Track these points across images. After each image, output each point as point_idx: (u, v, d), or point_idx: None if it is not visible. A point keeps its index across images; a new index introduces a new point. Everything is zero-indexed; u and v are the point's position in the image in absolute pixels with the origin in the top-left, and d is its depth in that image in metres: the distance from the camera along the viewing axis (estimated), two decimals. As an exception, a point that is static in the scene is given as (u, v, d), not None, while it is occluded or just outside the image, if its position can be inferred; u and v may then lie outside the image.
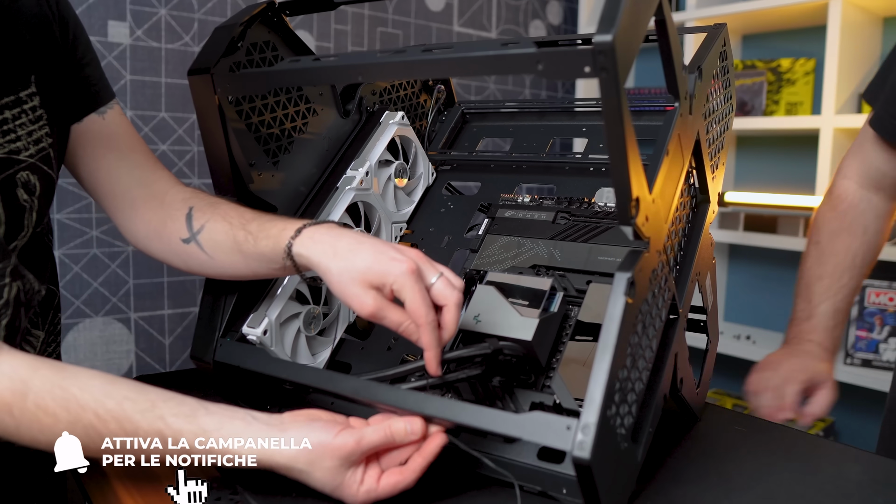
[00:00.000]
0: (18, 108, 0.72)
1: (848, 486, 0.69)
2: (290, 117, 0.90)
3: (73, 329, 1.55)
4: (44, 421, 0.58)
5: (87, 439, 0.59)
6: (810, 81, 2.01)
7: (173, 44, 1.65)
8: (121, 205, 0.82)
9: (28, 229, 0.74)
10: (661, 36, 0.64)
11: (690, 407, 0.81)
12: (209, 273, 0.80)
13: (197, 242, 0.78)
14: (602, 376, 0.56)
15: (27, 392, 0.58)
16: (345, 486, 0.60)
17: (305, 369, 0.71)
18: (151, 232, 0.81)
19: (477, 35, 2.25)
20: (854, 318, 1.85)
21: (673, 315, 0.72)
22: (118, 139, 0.82)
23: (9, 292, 0.70)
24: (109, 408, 0.59)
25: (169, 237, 0.80)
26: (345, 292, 0.66)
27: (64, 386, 0.59)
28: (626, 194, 0.56)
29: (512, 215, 0.90)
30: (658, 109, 0.96)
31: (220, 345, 0.79)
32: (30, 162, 0.73)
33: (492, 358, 0.70)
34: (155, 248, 0.82)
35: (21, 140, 0.72)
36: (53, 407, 0.58)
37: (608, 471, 0.57)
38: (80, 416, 0.59)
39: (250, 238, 0.74)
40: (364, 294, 0.65)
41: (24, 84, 0.73)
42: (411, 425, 0.61)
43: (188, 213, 0.79)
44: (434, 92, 1.11)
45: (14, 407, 0.58)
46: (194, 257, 0.79)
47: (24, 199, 0.73)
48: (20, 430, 0.59)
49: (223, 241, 0.76)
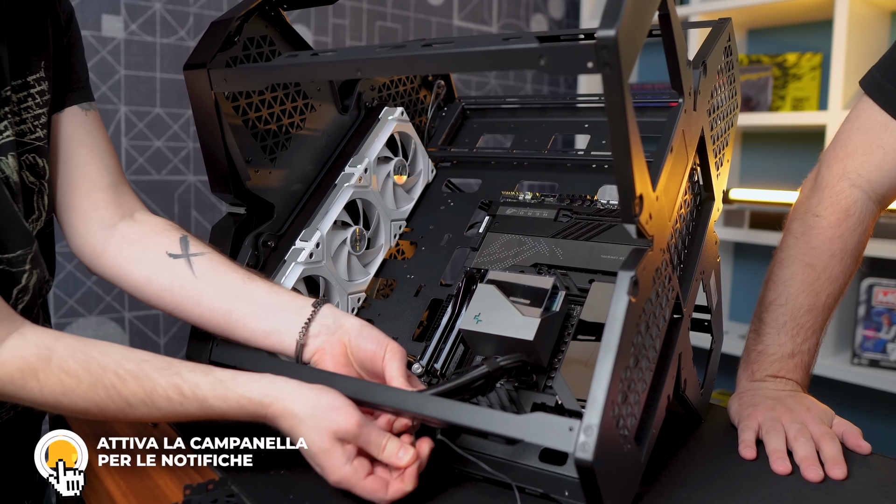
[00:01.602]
0: (25, 92, 0.73)
1: (855, 489, 0.69)
2: (287, 113, 0.90)
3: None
4: (66, 382, 0.62)
5: (108, 399, 0.62)
6: (817, 76, 2.01)
7: (168, 38, 1.65)
8: (79, 202, 0.79)
9: (42, 213, 0.76)
10: (665, 30, 0.64)
11: (694, 408, 0.81)
12: (172, 295, 0.76)
13: (187, 260, 0.76)
14: (605, 377, 0.56)
15: (51, 357, 0.62)
16: (329, 456, 0.61)
17: (303, 369, 0.71)
18: (114, 236, 0.79)
19: (477, 29, 2.24)
20: (861, 317, 1.85)
21: (677, 314, 0.72)
22: (95, 138, 0.81)
23: (28, 279, 0.72)
24: (128, 368, 0.63)
25: (149, 246, 0.78)
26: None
27: (85, 350, 0.64)
28: (629, 191, 0.57)
29: (513, 213, 0.90)
30: (662, 105, 0.96)
31: (216, 345, 0.79)
32: (36, 145, 0.74)
33: (492, 377, 0.69)
34: (112, 252, 0.79)
35: (27, 123, 0.73)
36: (76, 368, 0.62)
37: (611, 473, 0.57)
38: (100, 376, 0.62)
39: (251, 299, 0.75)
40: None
41: (32, 68, 0.74)
42: (404, 454, 0.62)
43: (183, 238, 0.78)
44: (434, 87, 1.11)
45: (40, 370, 0.62)
46: (172, 273, 0.76)
47: (30, 181, 0.74)
48: (44, 392, 0.62)
49: (224, 270, 0.76)
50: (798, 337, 0.88)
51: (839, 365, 1.82)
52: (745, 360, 0.91)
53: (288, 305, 0.74)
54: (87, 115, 0.81)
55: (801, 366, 0.88)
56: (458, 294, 0.84)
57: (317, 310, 0.73)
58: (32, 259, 0.72)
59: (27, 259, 0.72)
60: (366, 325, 0.73)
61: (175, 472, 0.69)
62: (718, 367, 0.91)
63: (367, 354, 0.70)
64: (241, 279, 0.75)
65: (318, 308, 0.73)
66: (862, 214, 0.90)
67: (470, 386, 0.67)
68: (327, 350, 0.71)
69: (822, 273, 0.89)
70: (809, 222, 0.91)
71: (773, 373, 0.88)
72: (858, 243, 0.91)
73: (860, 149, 0.90)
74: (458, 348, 0.81)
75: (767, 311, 0.90)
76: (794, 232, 0.92)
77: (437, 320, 0.84)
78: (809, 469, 0.71)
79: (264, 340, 0.74)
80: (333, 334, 0.72)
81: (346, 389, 0.66)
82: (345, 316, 0.74)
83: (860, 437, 0.78)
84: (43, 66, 0.75)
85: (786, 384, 0.87)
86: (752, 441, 0.77)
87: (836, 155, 0.92)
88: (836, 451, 0.73)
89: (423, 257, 0.92)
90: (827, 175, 0.92)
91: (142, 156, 1.62)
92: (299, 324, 0.72)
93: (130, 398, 0.63)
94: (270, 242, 0.86)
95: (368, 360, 0.70)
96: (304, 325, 0.72)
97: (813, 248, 0.90)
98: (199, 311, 0.75)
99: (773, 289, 0.91)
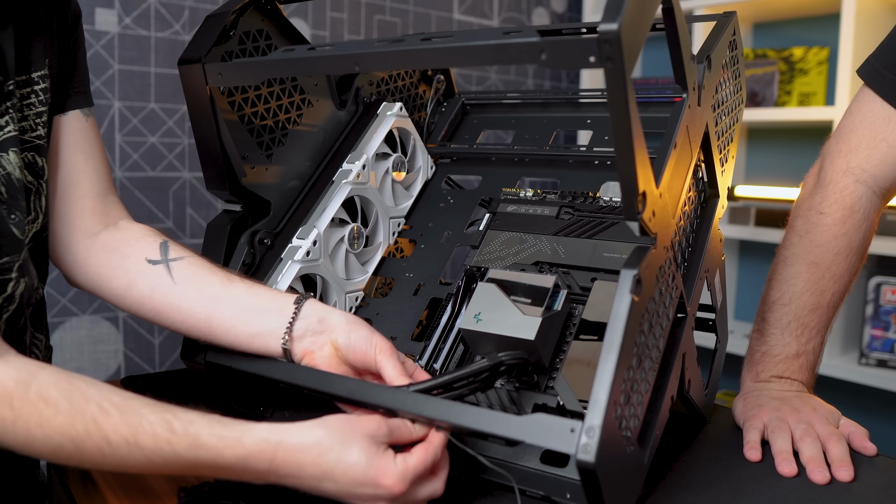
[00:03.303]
0: (28, 88, 0.73)
1: (862, 491, 0.69)
2: (284, 108, 0.90)
3: (59, 328, 1.55)
4: (44, 413, 0.55)
5: (86, 434, 0.56)
6: (824, 71, 2.01)
7: (163, 32, 1.65)
8: (66, 210, 0.79)
9: (39, 214, 0.75)
10: (669, 24, 0.64)
11: (698, 409, 0.81)
12: (152, 302, 0.76)
13: (167, 266, 0.76)
14: (607, 377, 0.56)
15: (31, 382, 0.57)
16: (382, 460, 0.58)
17: (300, 369, 0.71)
18: (96, 244, 0.79)
19: (478, 23, 2.24)
20: (869, 316, 1.85)
21: (681, 314, 0.72)
22: (91, 145, 0.81)
23: (14, 287, 0.70)
24: (115, 401, 0.57)
25: (129, 253, 0.77)
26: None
27: (71, 381, 0.58)
28: (632, 188, 0.57)
29: (514, 210, 0.90)
30: (665, 101, 0.96)
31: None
32: (36, 143, 0.74)
33: (492, 372, 0.69)
34: (93, 261, 0.78)
35: (29, 120, 0.73)
36: (56, 397, 0.56)
37: (613, 475, 0.57)
38: (82, 407, 0.56)
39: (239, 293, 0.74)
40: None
41: (37, 65, 0.74)
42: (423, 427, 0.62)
43: (163, 243, 0.78)
44: (433, 82, 1.11)
45: (15, 397, 0.56)
46: (152, 279, 0.76)
47: (28, 180, 0.73)
48: (17, 424, 0.55)
49: (203, 273, 0.75)
50: (802, 337, 0.88)
51: (846, 365, 1.82)
52: (749, 360, 0.91)
53: (269, 306, 0.72)
54: (87, 122, 0.81)
55: (807, 366, 0.88)
56: (457, 293, 0.84)
57: (299, 309, 0.71)
58: (20, 267, 0.70)
59: (14, 267, 0.70)
60: (352, 320, 0.72)
61: (169, 474, 0.68)
62: (723, 367, 0.91)
63: (357, 355, 0.70)
64: (219, 282, 0.74)
65: (300, 307, 0.72)
66: (867, 210, 0.90)
67: (471, 377, 0.66)
68: (316, 353, 0.71)
69: (826, 271, 0.89)
70: (813, 220, 0.91)
71: (777, 373, 0.88)
72: (864, 240, 0.90)
73: (863, 143, 0.90)
74: (457, 348, 0.81)
75: (771, 311, 0.90)
76: (797, 229, 0.92)
77: (436, 319, 0.84)
78: (816, 471, 0.71)
79: (249, 344, 0.72)
80: (320, 335, 0.71)
81: (342, 390, 0.66)
82: (329, 312, 0.72)
83: (866, 439, 0.77)
84: (48, 64, 0.75)
85: (791, 385, 0.87)
86: (757, 442, 0.77)
87: (839, 150, 0.91)
88: (843, 452, 0.73)
89: (422, 255, 0.92)
90: (830, 171, 0.91)
91: (136, 152, 1.62)
92: (283, 325, 0.71)
93: (111, 435, 0.56)
94: (267, 240, 0.86)
95: (360, 360, 0.70)
96: (288, 327, 0.71)
97: (817, 245, 0.89)
98: (180, 318, 0.74)
99: (777, 288, 0.91)
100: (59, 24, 0.78)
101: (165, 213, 1.67)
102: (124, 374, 1.58)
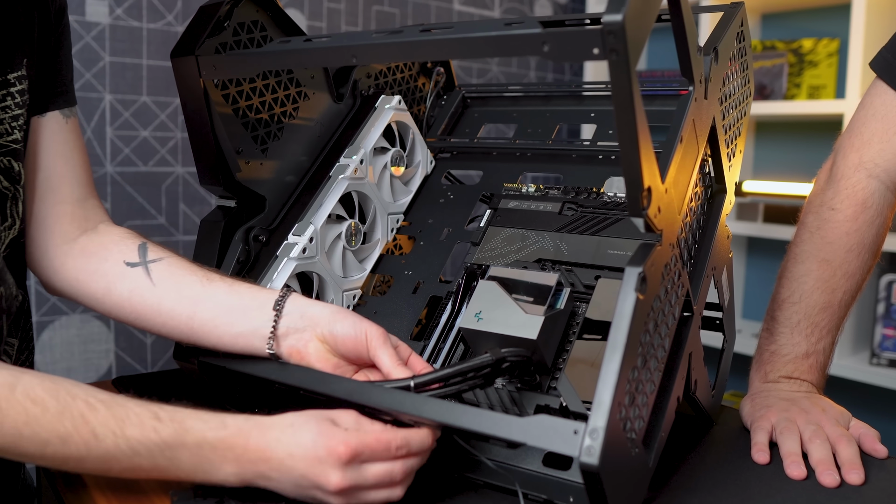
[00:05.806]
0: (4, 91, 0.72)
1: (872, 494, 0.69)
2: (279, 102, 0.90)
3: (48, 328, 1.55)
4: (31, 411, 0.57)
5: (74, 430, 0.58)
6: (834, 63, 2.01)
7: (155, 23, 1.65)
8: (44, 215, 0.79)
9: (15, 220, 0.74)
10: (675, 15, 0.64)
11: (705, 410, 0.81)
12: (132, 305, 0.75)
13: (145, 268, 0.75)
14: (611, 377, 0.56)
15: (16, 384, 0.58)
16: (332, 432, 0.60)
17: (295, 370, 0.71)
18: (73, 249, 0.78)
19: (478, 14, 2.24)
20: (880, 315, 1.85)
21: (687, 312, 0.72)
22: (72, 148, 0.81)
23: None
24: (101, 398, 0.60)
25: (107, 257, 0.77)
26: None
27: (55, 380, 0.60)
28: (637, 184, 0.56)
29: (516, 206, 0.90)
30: (671, 94, 0.96)
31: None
32: (12, 147, 0.73)
33: (494, 367, 0.69)
34: (71, 266, 0.78)
35: (4, 124, 0.72)
36: (43, 396, 0.58)
37: (618, 478, 0.58)
38: (69, 404, 0.58)
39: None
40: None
41: (13, 66, 0.73)
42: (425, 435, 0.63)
43: (141, 245, 0.77)
44: (433, 75, 1.11)
45: (2, 399, 0.57)
46: (131, 282, 0.75)
47: (4, 185, 0.73)
48: (4, 424, 0.57)
49: (183, 274, 0.75)
50: (812, 336, 0.88)
51: (857, 365, 1.82)
52: (757, 360, 0.91)
53: (250, 304, 0.72)
54: (67, 123, 0.80)
55: (816, 366, 0.88)
56: (458, 291, 0.84)
57: (280, 306, 0.71)
58: None
59: None
60: (335, 310, 0.71)
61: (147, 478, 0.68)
62: (731, 368, 0.91)
63: (347, 346, 0.70)
64: (199, 282, 0.74)
65: (282, 304, 0.71)
66: (880, 206, 0.90)
67: (473, 372, 0.67)
68: (303, 350, 0.71)
69: (838, 269, 0.89)
70: (824, 216, 0.90)
71: (786, 374, 0.88)
72: (876, 237, 0.90)
73: (876, 136, 0.90)
74: (458, 347, 0.81)
75: (780, 310, 0.90)
76: (808, 226, 0.92)
77: (436, 318, 0.84)
78: (825, 473, 0.71)
79: (233, 345, 0.72)
80: (304, 331, 0.71)
81: (338, 391, 0.66)
82: (310, 306, 0.72)
83: (877, 441, 0.77)
84: (25, 64, 0.74)
85: (800, 385, 0.87)
86: (765, 444, 0.77)
87: (852, 144, 0.92)
88: (853, 454, 0.73)
89: (421, 253, 0.92)
90: (842, 165, 0.91)
91: (127, 146, 1.62)
92: (266, 323, 0.71)
93: (98, 428, 0.58)
94: (262, 237, 0.86)
95: (351, 351, 0.70)
96: (272, 327, 0.70)
97: (828, 242, 0.89)
98: (161, 320, 0.74)
99: (787, 286, 0.91)
100: (40, 20, 0.76)
101: (158, 209, 1.67)
102: (115, 375, 1.59)
